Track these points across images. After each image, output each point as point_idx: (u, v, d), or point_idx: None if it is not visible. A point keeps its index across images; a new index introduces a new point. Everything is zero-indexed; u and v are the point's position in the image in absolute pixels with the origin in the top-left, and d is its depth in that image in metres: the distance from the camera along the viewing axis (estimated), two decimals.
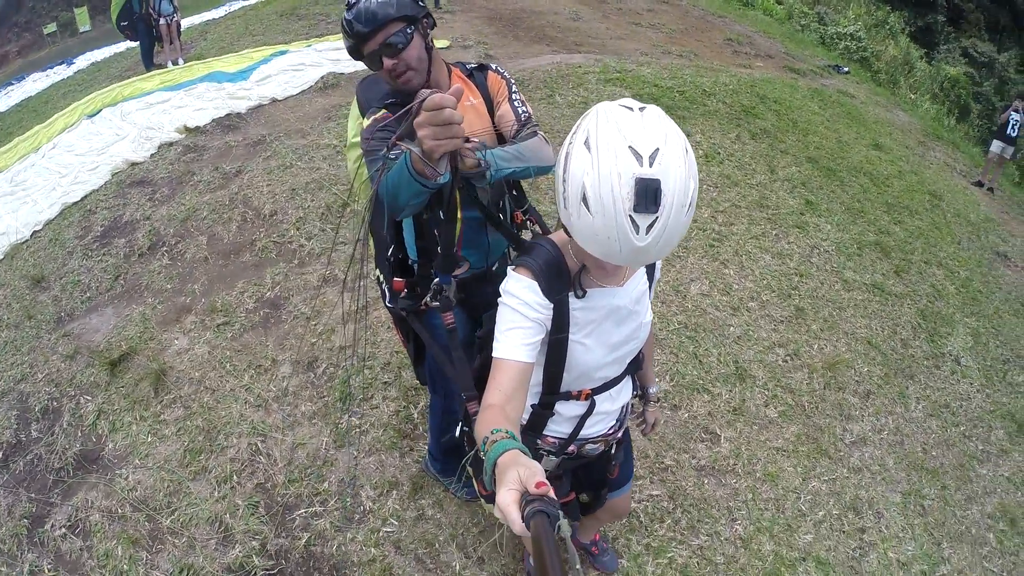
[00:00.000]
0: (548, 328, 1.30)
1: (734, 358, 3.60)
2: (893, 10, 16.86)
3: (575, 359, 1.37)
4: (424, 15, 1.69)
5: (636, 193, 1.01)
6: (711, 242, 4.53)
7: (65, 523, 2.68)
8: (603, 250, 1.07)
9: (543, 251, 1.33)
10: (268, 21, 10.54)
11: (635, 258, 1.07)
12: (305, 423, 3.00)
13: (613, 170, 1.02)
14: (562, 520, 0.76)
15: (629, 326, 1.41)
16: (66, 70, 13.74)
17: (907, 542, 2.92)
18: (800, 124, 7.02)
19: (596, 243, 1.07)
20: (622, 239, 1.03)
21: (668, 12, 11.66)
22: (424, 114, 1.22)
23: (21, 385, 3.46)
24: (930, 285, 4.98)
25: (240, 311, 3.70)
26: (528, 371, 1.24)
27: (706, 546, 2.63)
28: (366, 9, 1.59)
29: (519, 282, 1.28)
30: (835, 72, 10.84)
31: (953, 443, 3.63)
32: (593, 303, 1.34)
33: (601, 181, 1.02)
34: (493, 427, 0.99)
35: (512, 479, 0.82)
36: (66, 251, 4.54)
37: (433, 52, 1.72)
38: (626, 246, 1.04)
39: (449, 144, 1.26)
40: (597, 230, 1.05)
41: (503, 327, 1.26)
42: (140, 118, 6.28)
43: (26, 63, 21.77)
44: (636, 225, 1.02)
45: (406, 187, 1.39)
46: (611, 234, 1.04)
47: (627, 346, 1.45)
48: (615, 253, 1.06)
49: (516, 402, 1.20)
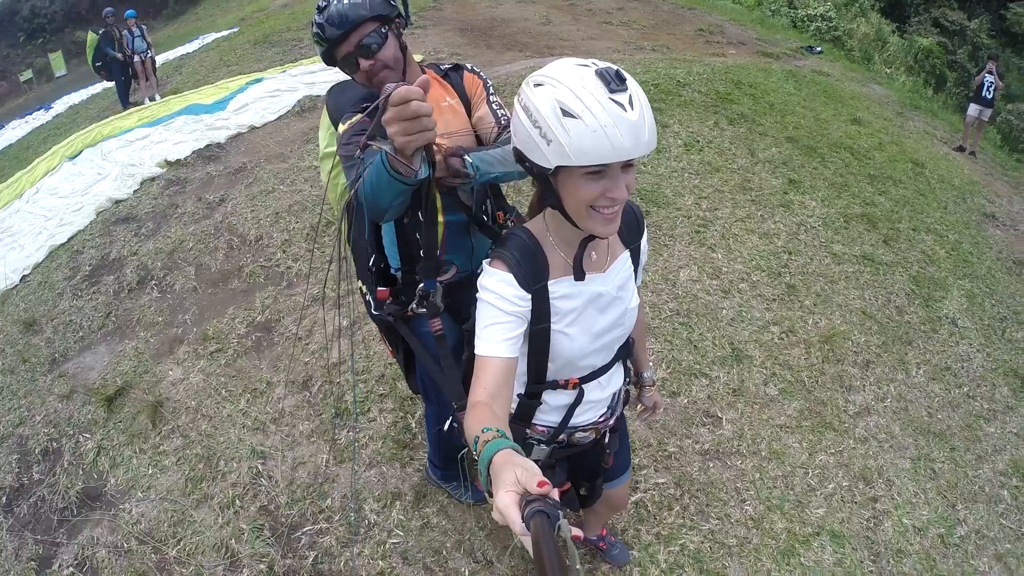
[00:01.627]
0: (529, 319, 1.28)
1: (729, 340, 3.60)
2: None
3: (558, 349, 1.35)
4: (396, 14, 1.67)
5: (603, 80, 1.05)
6: (697, 228, 4.53)
7: (72, 562, 2.66)
8: (607, 146, 1.04)
9: (517, 240, 1.30)
10: (242, 51, 10.60)
11: (636, 139, 1.05)
12: (304, 442, 2.98)
13: (574, 77, 1.07)
14: (562, 520, 0.75)
15: (613, 313, 1.38)
16: (44, 115, 13.78)
17: (921, 507, 2.91)
18: (777, 106, 7.06)
19: (595, 142, 1.04)
20: (617, 120, 1.03)
21: (638, 9, 11.75)
22: (391, 110, 1.18)
23: (20, 429, 3.44)
24: (920, 251, 4.98)
25: (232, 337, 3.69)
26: (512, 366, 1.22)
27: (717, 530, 2.61)
28: (338, 12, 1.56)
29: (494, 276, 1.26)
30: (808, 53, 10.91)
31: (958, 404, 3.62)
32: (573, 290, 1.31)
33: (571, 88, 1.06)
34: (483, 426, 0.98)
35: (510, 480, 0.81)
36: (56, 293, 4.53)
37: (407, 52, 1.71)
38: (623, 127, 1.04)
39: (420, 138, 1.22)
40: (592, 127, 1.03)
41: (483, 323, 1.24)
42: (121, 156, 6.30)
43: (4, 111, 21.77)
44: (620, 104, 1.04)
45: (387, 188, 1.35)
46: (605, 121, 1.03)
47: (612, 333, 1.41)
48: (618, 139, 1.04)
49: (502, 399, 1.18)
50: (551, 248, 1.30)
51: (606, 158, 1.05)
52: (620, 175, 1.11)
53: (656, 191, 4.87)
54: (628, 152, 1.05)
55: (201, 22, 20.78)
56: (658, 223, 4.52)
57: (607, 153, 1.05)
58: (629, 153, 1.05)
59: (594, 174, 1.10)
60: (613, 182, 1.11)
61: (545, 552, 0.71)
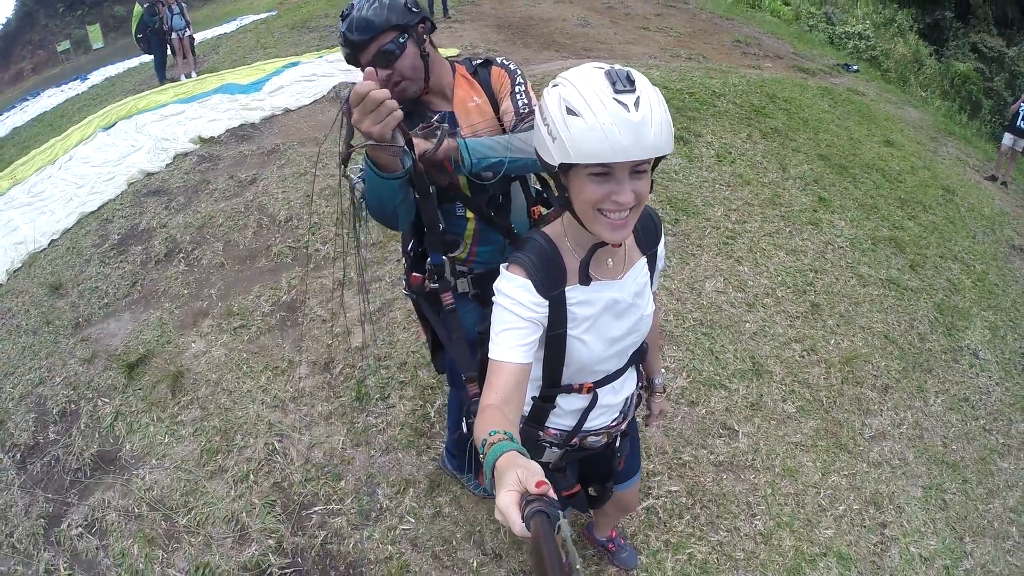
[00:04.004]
0: (545, 325, 1.28)
1: (750, 354, 3.57)
2: (900, 8, 16.78)
3: (574, 355, 1.35)
4: (419, 21, 1.66)
5: (610, 80, 1.06)
6: (725, 240, 4.51)
7: (82, 522, 2.71)
8: (605, 145, 1.04)
9: (535, 245, 1.29)
10: (279, 34, 10.68)
11: (638, 140, 1.04)
12: (321, 423, 3.01)
13: (584, 79, 1.09)
14: (562, 520, 0.75)
15: (629, 319, 1.38)
16: (80, 85, 13.95)
17: (929, 536, 2.88)
18: (811, 122, 6.99)
19: (595, 141, 1.04)
20: (618, 122, 1.03)
21: (676, 16, 11.69)
22: (355, 111, 1.25)
23: (39, 388, 3.51)
24: (946, 279, 4.92)
25: (257, 314, 3.73)
26: (526, 371, 1.22)
27: (726, 542, 2.60)
28: (359, 18, 1.58)
29: (512, 281, 1.25)
30: (844, 71, 10.80)
31: (973, 437, 3.57)
32: (590, 297, 1.31)
33: (577, 86, 1.08)
34: (491, 428, 0.99)
35: (511, 480, 0.82)
36: (83, 259, 4.60)
37: (432, 56, 1.71)
38: (624, 127, 1.03)
39: (392, 119, 1.27)
40: (591, 125, 1.04)
41: (498, 328, 1.24)
42: (155, 129, 6.38)
43: (40, 79, 22.19)
44: (623, 104, 1.04)
45: (384, 191, 1.40)
46: (605, 120, 1.03)
47: (628, 339, 1.41)
48: (617, 141, 1.03)
49: (514, 403, 1.18)
50: (568, 253, 1.30)
51: (604, 157, 1.05)
52: (626, 180, 1.10)
53: (687, 200, 4.85)
54: (628, 153, 1.04)
55: (239, 3, 20.97)
56: (687, 232, 4.50)
57: (605, 152, 1.04)
58: (629, 154, 1.05)
59: (599, 176, 1.10)
60: (619, 186, 1.10)
61: (545, 552, 0.72)
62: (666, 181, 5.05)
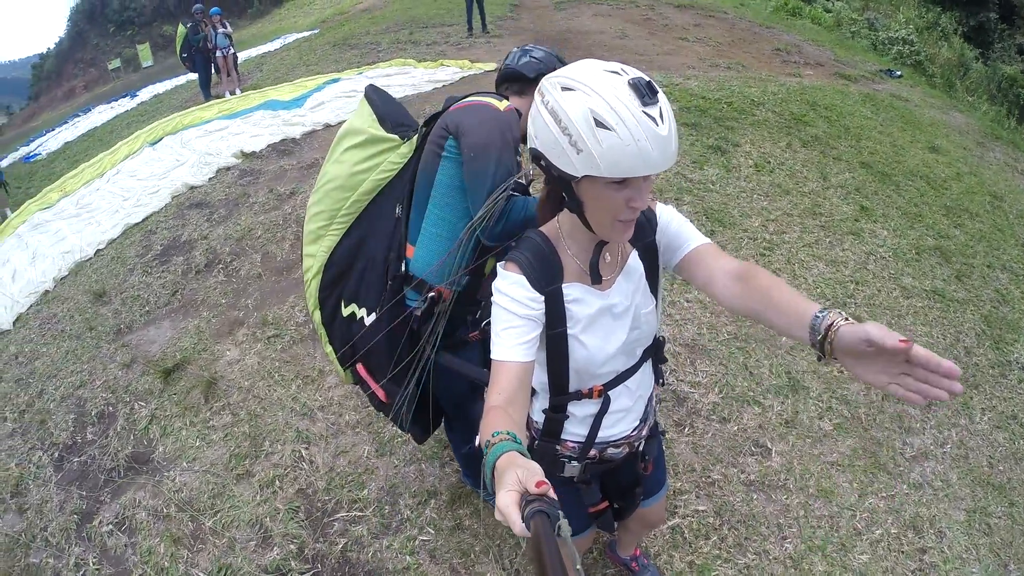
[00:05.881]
0: (543, 322, 1.27)
1: (786, 369, 3.46)
2: (944, 11, 16.25)
3: (576, 357, 1.33)
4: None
5: (635, 92, 1.05)
6: (762, 251, 4.40)
7: (112, 520, 2.80)
8: (639, 160, 1.05)
9: (531, 242, 1.30)
10: (321, 51, 10.96)
11: (664, 152, 1.06)
12: (348, 432, 3.04)
13: (607, 87, 1.06)
14: (562, 520, 0.75)
15: (628, 318, 1.35)
16: (130, 102, 14.59)
17: (971, 563, 2.71)
18: (852, 130, 6.79)
19: (630, 157, 1.05)
20: (649, 136, 1.03)
21: (715, 26, 11.55)
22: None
23: (80, 391, 3.66)
24: (994, 290, 4.69)
25: (290, 325, 3.81)
26: (529, 370, 1.21)
27: (753, 565, 2.50)
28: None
29: (506, 278, 1.25)
30: (887, 77, 10.48)
31: (1022, 457, 3.36)
32: (588, 297, 1.30)
33: (605, 99, 1.05)
34: (495, 430, 0.98)
35: (511, 480, 0.81)
36: (127, 268, 4.79)
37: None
38: (655, 141, 1.04)
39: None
40: (626, 141, 1.03)
41: (498, 327, 1.24)
42: (199, 145, 6.62)
43: (92, 96, 23.32)
44: (651, 117, 1.04)
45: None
46: (639, 136, 1.03)
47: (631, 336, 1.37)
48: (650, 154, 1.04)
49: (518, 403, 1.17)
50: (565, 252, 1.29)
51: (636, 171, 1.05)
52: (643, 185, 1.11)
53: (723, 211, 4.76)
54: (657, 166, 1.06)
55: (283, 22, 21.70)
56: (723, 243, 4.41)
57: (638, 167, 1.05)
58: (657, 167, 1.06)
59: (618, 183, 1.10)
60: (637, 192, 1.11)
61: (545, 552, 0.70)
62: (702, 192, 4.97)
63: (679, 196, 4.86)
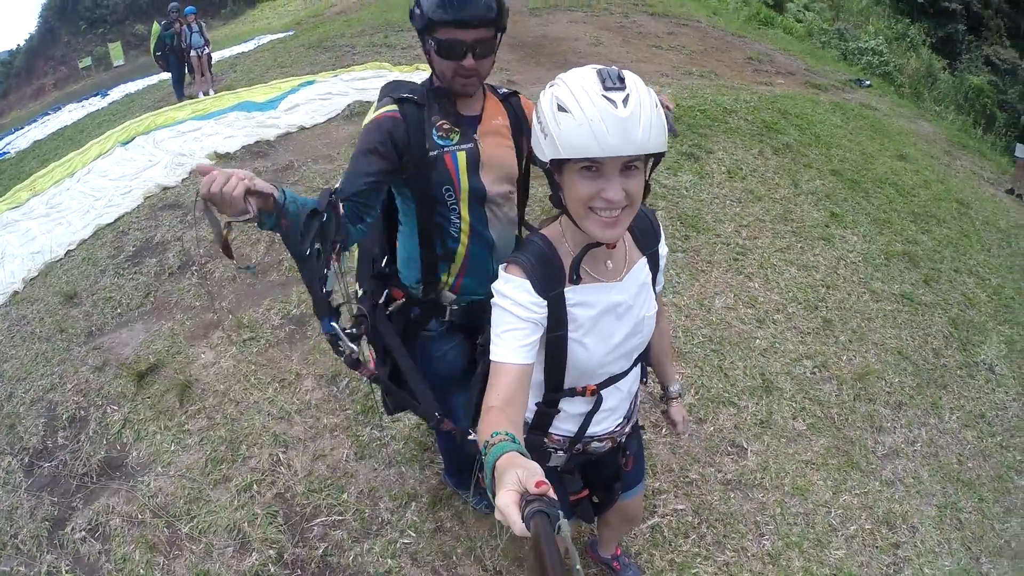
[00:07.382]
0: (545, 326, 1.28)
1: (760, 371, 3.53)
2: (913, 22, 16.73)
3: (575, 358, 1.35)
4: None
5: (600, 78, 1.09)
6: (735, 256, 4.48)
7: (85, 527, 2.73)
8: (592, 139, 1.07)
9: (534, 246, 1.32)
10: (296, 53, 10.83)
11: (626, 136, 1.06)
12: (326, 435, 3.01)
13: (576, 77, 1.13)
14: (562, 520, 0.75)
15: (630, 321, 1.38)
16: (100, 101, 14.25)
17: (944, 557, 2.80)
18: (823, 138, 6.95)
19: (582, 136, 1.07)
20: (604, 116, 1.06)
21: (688, 34, 11.70)
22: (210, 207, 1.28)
23: (50, 394, 3.56)
24: (961, 293, 4.84)
25: (266, 328, 3.77)
26: (528, 372, 1.23)
27: (732, 562, 2.55)
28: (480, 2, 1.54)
29: (510, 282, 1.27)
30: (857, 86, 10.74)
31: (990, 454, 3.48)
32: (590, 298, 1.32)
33: (569, 85, 1.12)
34: (494, 430, 0.99)
35: (511, 480, 0.82)
36: (98, 269, 4.68)
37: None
38: (611, 123, 1.06)
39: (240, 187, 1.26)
40: (579, 120, 1.07)
41: (498, 329, 1.25)
42: (172, 145, 6.49)
43: (62, 94, 22.76)
44: (612, 101, 1.07)
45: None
46: (592, 115, 1.06)
47: (631, 341, 1.41)
48: (604, 135, 1.06)
49: (517, 404, 1.18)
50: (567, 254, 1.31)
51: (591, 152, 1.08)
52: (616, 177, 1.13)
53: (697, 216, 4.83)
54: (614, 148, 1.07)
55: (257, 23, 21.44)
56: (697, 248, 4.48)
57: (592, 147, 1.07)
58: (616, 149, 1.08)
59: (588, 171, 1.13)
60: (607, 183, 1.13)
61: (545, 552, 0.71)
62: (676, 198, 5.04)
63: (653, 202, 4.91)
